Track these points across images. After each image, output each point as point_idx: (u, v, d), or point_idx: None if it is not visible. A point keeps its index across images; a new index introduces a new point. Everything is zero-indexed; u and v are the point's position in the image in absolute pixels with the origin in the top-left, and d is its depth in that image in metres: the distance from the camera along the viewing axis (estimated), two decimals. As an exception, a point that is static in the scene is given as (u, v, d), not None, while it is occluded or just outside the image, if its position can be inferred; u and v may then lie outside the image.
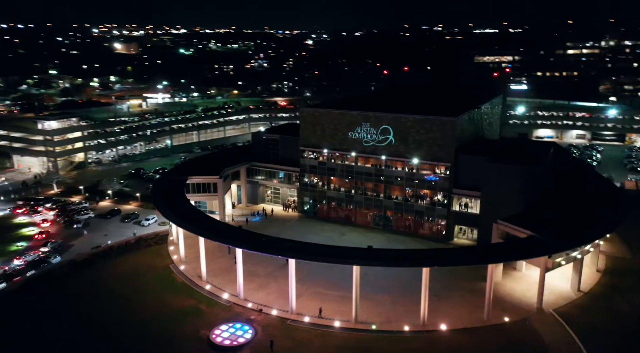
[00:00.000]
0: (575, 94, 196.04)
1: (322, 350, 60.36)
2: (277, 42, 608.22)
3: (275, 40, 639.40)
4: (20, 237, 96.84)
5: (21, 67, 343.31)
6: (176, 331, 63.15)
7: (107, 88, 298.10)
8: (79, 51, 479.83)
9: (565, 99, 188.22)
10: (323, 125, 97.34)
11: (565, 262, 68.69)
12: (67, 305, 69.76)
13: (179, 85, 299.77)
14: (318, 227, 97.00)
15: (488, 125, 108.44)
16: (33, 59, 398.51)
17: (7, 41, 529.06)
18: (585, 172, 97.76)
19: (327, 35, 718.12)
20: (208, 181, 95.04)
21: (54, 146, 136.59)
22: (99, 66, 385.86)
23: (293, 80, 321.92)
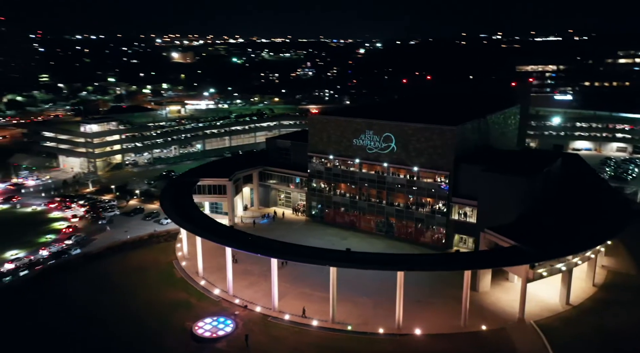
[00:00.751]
0: (624, 104, 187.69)
1: (294, 346, 63.12)
2: (329, 51, 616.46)
3: (327, 49, 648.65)
4: (51, 230, 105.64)
5: (85, 75, 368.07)
6: (164, 322, 67.80)
7: (158, 95, 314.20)
8: (138, 60, 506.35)
9: (613, 110, 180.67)
10: (330, 132, 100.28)
11: (547, 273, 68.02)
12: (71, 292, 76.28)
13: (225, 93, 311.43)
14: (322, 231, 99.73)
15: (500, 135, 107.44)
16: (97, 68, 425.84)
17: (78, 51, 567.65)
18: (595, 184, 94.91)
19: (380, 44, 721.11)
20: (218, 183, 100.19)
21: (93, 148, 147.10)
22: (154, 74, 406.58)
23: (335, 88, 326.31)
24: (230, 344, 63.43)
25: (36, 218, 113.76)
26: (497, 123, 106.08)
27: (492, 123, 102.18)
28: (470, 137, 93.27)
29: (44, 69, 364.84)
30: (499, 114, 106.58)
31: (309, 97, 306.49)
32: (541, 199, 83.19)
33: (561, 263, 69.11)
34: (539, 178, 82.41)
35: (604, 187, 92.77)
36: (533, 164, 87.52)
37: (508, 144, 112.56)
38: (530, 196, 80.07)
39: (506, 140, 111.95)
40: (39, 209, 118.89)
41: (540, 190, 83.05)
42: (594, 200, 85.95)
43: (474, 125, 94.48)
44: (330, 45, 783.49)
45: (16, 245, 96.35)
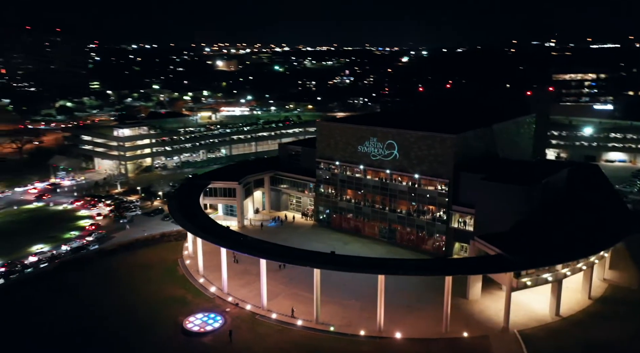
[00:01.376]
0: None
1: (275, 343, 65.68)
2: (372, 59, 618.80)
3: (370, 57, 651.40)
4: (76, 227, 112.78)
5: (132, 83, 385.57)
6: (158, 316, 71.86)
7: (198, 102, 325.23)
8: (184, 68, 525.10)
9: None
10: (336, 138, 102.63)
11: (532, 283, 67.59)
12: (79, 285, 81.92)
13: (261, 100, 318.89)
14: (326, 235, 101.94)
15: (511, 145, 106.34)
16: (145, 75, 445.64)
17: (131, 60, 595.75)
18: (604, 196, 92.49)
19: (426, 51, 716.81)
20: (228, 186, 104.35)
21: (124, 151, 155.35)
22: (198, 82, 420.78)
23: (370, 96, 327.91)
24: (216, 339, 66.66)
25: (65, 215, 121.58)
26: (507, 132, 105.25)
27: (500, 132, 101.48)
28: (473, 145, 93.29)
29: (95, 77, 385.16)
30: (509, 122, 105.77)
31: (343, 104, 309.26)
32: (540, 209, 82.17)
33: (548, 273, 68.46)
34: (537, 188, 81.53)
35: (612, 200, 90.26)
36: (535, 174, 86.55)
37: (521, 153, 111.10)
38: (528, 206, 79.40)
39: (519, 149, 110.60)
40: (69, 207, 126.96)
41: (539, 200, 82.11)
42: (597, 212, 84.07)
43: (477, 134, 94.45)
44: (375, 53, 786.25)
45: (43, 240, 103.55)
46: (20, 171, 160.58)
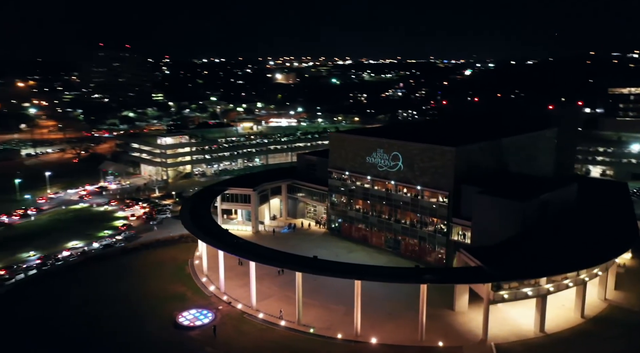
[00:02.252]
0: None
1: (254, 341, 69.50)
2: (434, 72, 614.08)
3: (433, 70, 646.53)
4: (111, 226, 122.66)
5: (193, 95, 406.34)
6: (157, 309, 77.72)
7: (250, 113, 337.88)
8: (244, 81, 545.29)
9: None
10: (347, 149, 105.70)
11: (509, 296, 67.25)
12: (96, 278, 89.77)
13: (311, 112, 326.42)
14: (334, 243, 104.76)
15: (526, 159, 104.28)
16: (206, 88, 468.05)
17: (198, 73, 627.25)
18: (620, 215, 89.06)
19: (493, 64, 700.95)
20: (243, 193, 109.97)
21: (166, 158, 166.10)
22: (255, 94, 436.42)
23: (420, 109, 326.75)
24: (202, 333, 71.43)
25: (104, 216, 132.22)
26: (521, 146, 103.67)
27: (511, 146, 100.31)
28: (478, 158, 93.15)
29: (159, 89, 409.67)
30: (524, 136, 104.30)
31: (392, 117, 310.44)
32: (539, 224, 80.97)
33: (528, 287, 67.80)
34: (533, 204, 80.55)
35: (625, 218, 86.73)
36: (536, 189, 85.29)
37: (540, 168, 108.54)
38: (521, 221, 78.69)
39: (537, 164, 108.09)
40: (109, 208, 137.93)
41: (535, 215, 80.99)
42: (602, 229, 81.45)
43: (482, 147, 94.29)
44: (438, 65, 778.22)
45: (79, 237, 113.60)
46: (76, 175, 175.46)
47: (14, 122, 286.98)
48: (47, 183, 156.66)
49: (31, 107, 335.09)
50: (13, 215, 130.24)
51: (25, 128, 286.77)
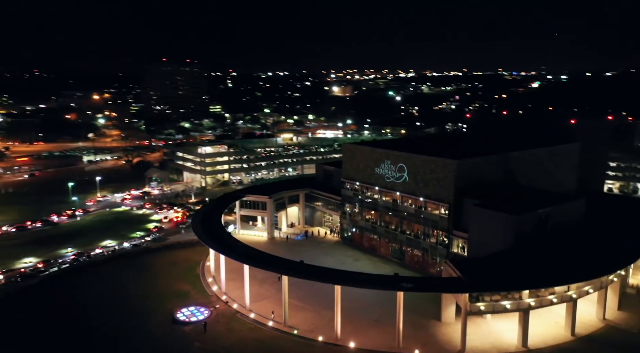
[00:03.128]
0: None
1: (240, 338, 73.86)
2: (498, 84, 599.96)
3: (498, 82, 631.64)
4: (144, 228, 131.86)
5: (250, 107, 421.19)
6: (160, 305, 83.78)
7: (300, 124, 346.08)
8: (301, 93, 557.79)
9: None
10: (358, 160, 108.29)
11: (485, 308, 67.24)
12: (114, 274, 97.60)
13: (360, 124, 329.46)
14: (342, 252, 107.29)
15: (541, 174, 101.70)
16: (263, 100, 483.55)
17: (259, 86, 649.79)
18: (628, 231, 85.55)
19: (565, 76, 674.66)
20: (260, 200, 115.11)
21: (205, 166, 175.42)
22: (309, 106, 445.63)
23: (469, 122, 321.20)
24: (194, 329, 76.57)
25: (140, 218, 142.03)
26: (535, 161, 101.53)
27: (524, 160, 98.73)
28: (481, 171, 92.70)
29: (218, 101, 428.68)
30: (539, 150, 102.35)
31: (440, 130, 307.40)
32: (535, 238, 79.73)
33: (507, 300, 67.42)
34: (529, 217, 79.62)
35: (633, 236, 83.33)
36: (536, 203, 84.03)
37: (560, 184, 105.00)
38: (515, 233, 77.98)
39: (556, 180, 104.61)
40: (147, 212, 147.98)
41: (533, 229, 79.91)
42: (604, 247, 78.95)
43: (488, 161, 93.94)
44: (505, 78, 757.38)
45: (114, 237, 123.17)
46: (126, 180, 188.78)
47: (84, 132, 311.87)
48: (98, 187, 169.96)
49: (101, 118, 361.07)
50: (62, 215, 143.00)
51: (93, 137, 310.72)
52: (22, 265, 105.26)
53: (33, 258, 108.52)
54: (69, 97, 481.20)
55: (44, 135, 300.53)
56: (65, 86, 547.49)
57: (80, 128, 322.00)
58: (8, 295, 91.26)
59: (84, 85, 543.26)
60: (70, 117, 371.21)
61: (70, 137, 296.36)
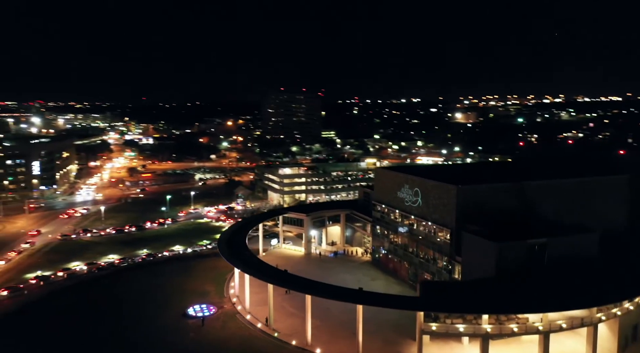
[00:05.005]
0: None
1: (229, 334, 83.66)
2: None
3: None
4: (212, 237, 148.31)
5: (362, 132, 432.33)
6: (179, 301, 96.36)
7: (405, 150, 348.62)
8: (420, 120, 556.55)
9: None
10: (385, 183, 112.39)
11: (437, 328, 68.05)
12: (161, 273, 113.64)
13: (465, 152, 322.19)
14: (364, 271, 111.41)
15: (576, 206, 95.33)
16: (380, 126, 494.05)
17: (384, 112, 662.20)
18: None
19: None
20: (297, 217, 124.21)
21: (283, 186, 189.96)
22: (424, 133, 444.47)
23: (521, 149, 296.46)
24: (196, 322, 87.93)
25: (216, 229, 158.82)
26: (565, 191, 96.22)
27: (547, 190, 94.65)
28: (488, 199, 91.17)
29: (332, 127, 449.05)
30: (567, 181, 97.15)
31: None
32: (526, 268, 77.41)
33: (462, 324, 67.50)
34: (515, 246, 77.73)
35: None
36: (532, 233, 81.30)
37: (603, 218, 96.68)
38: (497, 261, 76.81)
39: (595, 213, 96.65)
40: (223, 224, 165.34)
41: (521, 259, 77.69)
42: (603, 284, 73.85)
43: (495, 189, 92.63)
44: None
45: (183, 243, 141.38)
46: (220, 196, 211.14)
47: (207, 153, 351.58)
48: (192, 201, 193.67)
49: (225, 141, 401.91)
50: (154, 223, 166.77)
51: (214, 158, 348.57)
52: (105, 260, 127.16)
53: (115, 255, 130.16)
54: (209, 123, 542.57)
55: (175, 156, 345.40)
56: (211, 113, 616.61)
57: (206, 150, 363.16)
58: (82, 282, 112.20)
59: (226, 112, 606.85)
60: (202, 140, 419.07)
61: (195, 158, 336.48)
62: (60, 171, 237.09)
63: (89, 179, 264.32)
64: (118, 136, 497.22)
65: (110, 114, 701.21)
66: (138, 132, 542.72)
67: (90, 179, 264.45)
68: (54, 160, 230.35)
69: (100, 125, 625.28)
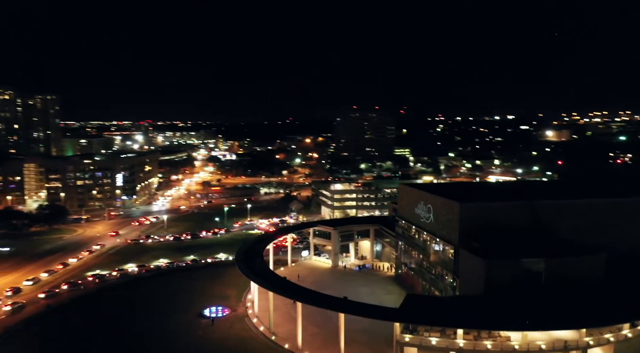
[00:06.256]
0: None
1: (231, 333, 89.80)
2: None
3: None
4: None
5: (438, 151, 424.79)
6: (200, 302, 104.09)
7: (478, 169, 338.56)
8: (504, 138, 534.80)
9: None
10: (405, 200, 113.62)
11: (410, 339, 69.05)
12: (193, 276, 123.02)
13: (546, 171, 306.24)
14: (383, 285, 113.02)
15: (600, 227, 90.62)
16: (461, 144, 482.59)
17: (471, 130, 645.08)
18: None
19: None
20: (326, 230, 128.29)
21: (333, 201, 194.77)
22: (506, 151, 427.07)
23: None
24: (206, 321, 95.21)
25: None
26: (584, 212, 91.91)
27: (562, 210, 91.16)
28: (495, 217, 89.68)
29: (406, 145, 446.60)
30: (590, 202, 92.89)
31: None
32: (518, 288, 75.79)
33: (436, 338, 68.01)
34: (506, 265, 76.44)
35: None
36: (528, 253, 79.22)
37: (627, 241, 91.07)
38: (486, 279, 76.14)
39: (620, 235, 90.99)
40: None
41: (514, 278, 76.23)
42: (597, 309, 70.52)
43: (500, 206, 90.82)
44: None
45: (227, 251, 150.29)
46: (277, 210, 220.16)
47: (279, 169, 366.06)
48: (248, 213, 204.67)
49: (298, 158, 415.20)
50: (208, 232, 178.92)
51: (286, 174, 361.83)
52: (155, 263, 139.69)
53: (164, 260, 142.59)
54: (290, 140, 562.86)
55: (250, 171, 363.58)
56: (296, 131, 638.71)
57: (278, 166, 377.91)
58: (128, 281, 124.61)
59: (309, 130, 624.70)
60: (279, 156, 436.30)
61: (267, 173, 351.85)
62: (141, 183, 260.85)
63: (168, 191, 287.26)
64: (206, 152, 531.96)
65: (204, 132, 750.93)
66: (225, 149, 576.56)
67: (169, 191, 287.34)
68: (135, 173, 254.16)
69: (195, 142, 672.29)
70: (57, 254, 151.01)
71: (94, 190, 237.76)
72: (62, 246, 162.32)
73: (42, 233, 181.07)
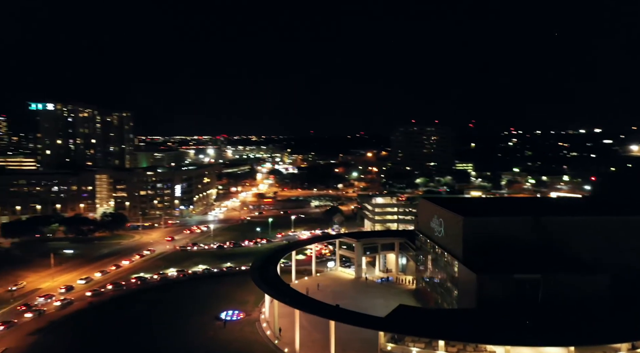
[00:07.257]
0: None
1: (241, 337, 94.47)
2: None
3: None
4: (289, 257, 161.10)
5: (501, 165, 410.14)
6: (219, 306, 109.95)
7: (542, 185, 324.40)
8: (578, 153, 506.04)
9: None
10: (423, 213, 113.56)
11: (392, 348, 70.51)
12: (221, 281, 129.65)
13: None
14: (399, 298, 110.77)
15: (615, 246, 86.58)
16: (531, 159, 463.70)
17: (546, 144, 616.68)
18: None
19: None
20: (349, 242, 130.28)
21: (374, 215, 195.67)
22: (577, 166, 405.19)
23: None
24: (220, 323, 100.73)
25: (303, 250, 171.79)
26: (597, 230, 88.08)
27: (572, 227, 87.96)
28: (501, 232, 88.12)
29: (470, 159, 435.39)
30: (600, 219, 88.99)
31: None
32: (512, 303, 74.61)
33: (416, 348, 68.67)
34: (498, 279, 75.43)
35: None
36: (524, 268, 77.53)
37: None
38: (478, 293, 75.61)
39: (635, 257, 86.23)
40: (311, 246, 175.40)
41: (507, 293, 75.15)
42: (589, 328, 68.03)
43: (505, 221, 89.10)
44: None
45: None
46: (321, 222, 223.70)
47: (335, 182, 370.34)
48: (292, 224, 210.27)
49: (354, 172, 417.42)
50: (251, 241, 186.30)
51: (342, 187, 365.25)
52: (193, 269, 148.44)
53: (203, 266, 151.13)
54: (352, 154, 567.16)
55: (307, 184, 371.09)
56: (361, 145, 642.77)
57: (335, 179, 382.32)
58: (166, 284, 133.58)
59: (375, 144, 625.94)
60: (338, 170, 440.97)
61: (322, 186, 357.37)
62: (199, 194, 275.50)
63: (225, 202, 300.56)
64: (270, 165, 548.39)
65: (272, 146, 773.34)
66: (289, 162, 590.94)
67: (225, 202, 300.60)
68: (193, 185, 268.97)
69: (263, 155, 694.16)
70: (113, 257, 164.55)
71: (155, 199, 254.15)
72: (118, 250, 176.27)
73: (103, 238, 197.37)
